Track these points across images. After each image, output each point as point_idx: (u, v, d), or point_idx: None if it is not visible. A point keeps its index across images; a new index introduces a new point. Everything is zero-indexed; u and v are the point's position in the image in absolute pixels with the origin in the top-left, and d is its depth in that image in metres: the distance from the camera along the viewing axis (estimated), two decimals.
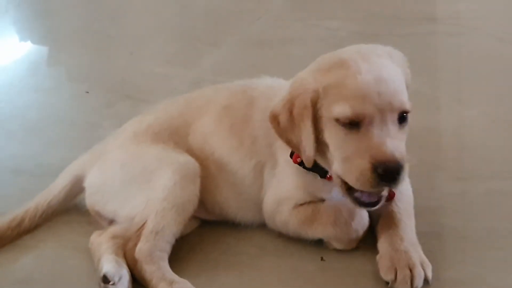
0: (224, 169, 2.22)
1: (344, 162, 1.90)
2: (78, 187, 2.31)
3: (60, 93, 3.48)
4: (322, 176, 2.06)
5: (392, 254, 1.95)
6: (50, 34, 4.49)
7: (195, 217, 2.22)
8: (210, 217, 2.27)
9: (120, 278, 1.94)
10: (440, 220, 2.24)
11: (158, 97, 2.83)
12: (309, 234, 2.11)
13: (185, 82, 3.41)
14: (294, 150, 2.04)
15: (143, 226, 2.06)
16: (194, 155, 2.21)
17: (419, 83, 3.05)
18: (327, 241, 2.11)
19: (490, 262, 2.03)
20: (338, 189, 1.98)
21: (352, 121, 1.87)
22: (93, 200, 2.25)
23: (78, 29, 4.51)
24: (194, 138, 2.26)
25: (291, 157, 2.07)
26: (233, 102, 2.25)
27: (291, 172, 2.10)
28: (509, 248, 2.09)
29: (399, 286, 1.90)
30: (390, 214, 2.07)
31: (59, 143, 2.89)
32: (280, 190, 2.14)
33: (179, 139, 2.26)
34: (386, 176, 1.83)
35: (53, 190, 2.32)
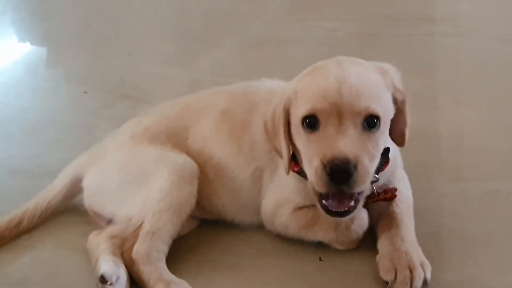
0: (222, 173, 2.21)
1: (307, 164, 1.90)
2: (76, 188, 2.31)
3: (58, 94, 3.49)
4: None
5: (392, 255, 1.95)
6: (48, 35, 4.50)
7: (194, 217, 2.22)
8: (208, 216, 2.27)
9: (117, 279, 1.94)
10: (438, 220, 2.24)
11: (157, 97, 2.84)
12: (309, 237, 2.11)
13: (183, 83, 3.41)
14: (278, 155, 2.04)
15: (140, 226, 2.05)
16: (192, 159, 2.20)
17: (418, 84, 3.07)
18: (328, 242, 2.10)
19: (489, 263, 2.02)
20: (311, 195, 1.95)
21: (310, 120, 1.86)
22: (91, 200, 2.25)
23: (77, 30, 4.52)
24: (192, 142, 2.25)
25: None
26: (232, 107, 2.24)
27: (291, 175, 2.09)
28: (508, 249, 2.08)
29: (399, 287, 1.90)
30: (391, 215, 2.07)
31: (58, 144, 2.89)
32: (279, 193, 2.13)
33: (177, 142, 2.25)
34: (334, 175, 1.79)
35: (52, 191, 2.31)
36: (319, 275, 2.02)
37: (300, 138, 1.92)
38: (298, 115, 1.90)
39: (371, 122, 1.86)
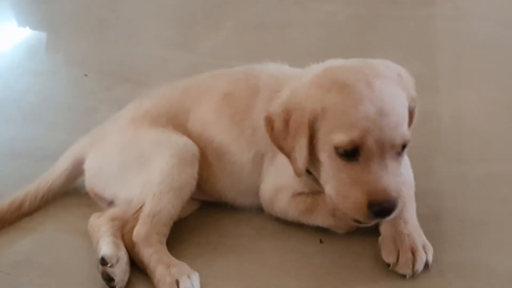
0: (223, 157, 2.20)
1: (339, 189, 1.88)
2: (78, 170, 2.31)
3: (58, 77, 3.49)
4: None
5: (395, 237, 1.95)
6: (48, 19, 4.48)
7: (194, 199, 2.22)
8: (209, 198, 2.27)
9: (118, 260, 1.94)
10: (439, 203, 2.24)
11: (157, 80, 2.83)
12: (309, 222, 2.12)
13: (183, 66, 3.40)
14: (284, 155, 2.01)
15: (141, 209, 2.05)
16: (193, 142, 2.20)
17: (419, 67, 3.06)
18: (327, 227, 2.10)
19: (489, 245, 2.03)
20: (328, 205, 2.00)
21: (351, 152, 1.84)
22: (92, 182, 2.25)
23: (77, 13, 4.50)
24: (193, 125, 2.25)
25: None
26: (234, 90, 2.22)
27: None
28: (508, 230, 2.09)
29: (401, 269, 1.91)
30: None
31: (58, 127, 2.89)
32: (278, 178, 2.13)
33: (178, 125, 2.25)
34: (381, 213, 1.82)
35: (53, 173, 2.32)
36: (320, 257, 2.03)
37: (331, 160, 1.88)
38: (332, 140, 1.84)
39: (403, 148, 1.87)
